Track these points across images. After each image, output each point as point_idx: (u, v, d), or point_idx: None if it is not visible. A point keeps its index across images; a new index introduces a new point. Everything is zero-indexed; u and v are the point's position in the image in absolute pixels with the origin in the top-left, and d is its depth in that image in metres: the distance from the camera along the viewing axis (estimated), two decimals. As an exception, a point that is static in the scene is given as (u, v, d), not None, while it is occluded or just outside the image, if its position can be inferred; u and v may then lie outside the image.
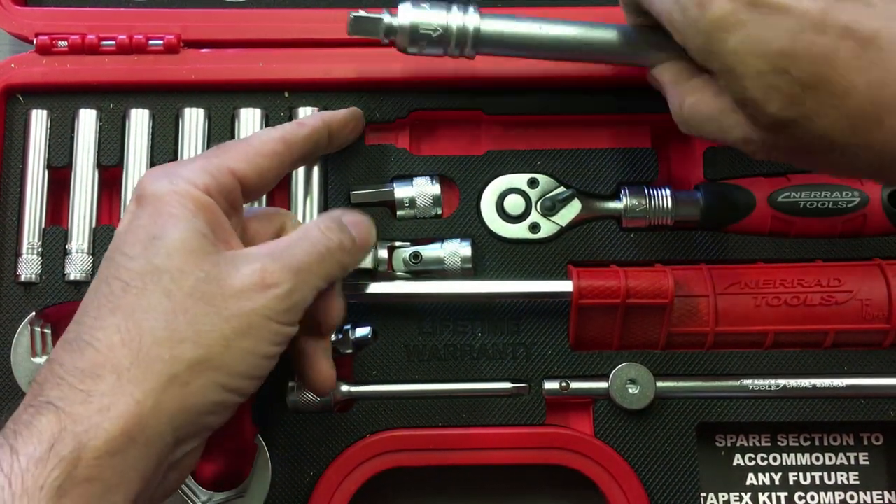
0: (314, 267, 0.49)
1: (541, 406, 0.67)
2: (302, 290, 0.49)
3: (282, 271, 0.47)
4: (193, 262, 0.46)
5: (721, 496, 0.69)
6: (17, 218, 0.69)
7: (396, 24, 0.58)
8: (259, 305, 0.46)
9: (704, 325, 0.66)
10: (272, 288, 0.47)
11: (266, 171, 0.52)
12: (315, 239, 0.50)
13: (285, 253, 0.49)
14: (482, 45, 0.59)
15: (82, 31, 0.71)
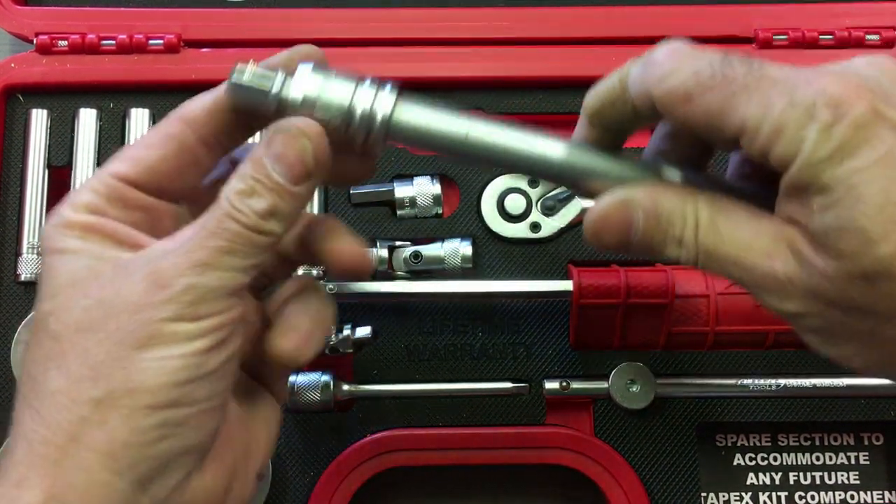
0: (223, 251, 0.41)
1: (541, 406, 0.67)
2: (212, 278, 0.40)
3: (174, 268, 0.40)
4: (79, 292, 0.41)
5: (721, 496, 0.69)
6: (17, 218, 0.69)
7: (290, 98, 0.43)
8: (155, 312, 0.40)
9: (704, 325, 0.66)
10: (165, 289, 0.40)
11: (157, 160, 0.44)
12: (219, 218, 0.41)
13: (183, 245, 0.41)
14: (393, 137, 0.44)
15: (82, 30, 0.71)
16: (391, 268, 0.68)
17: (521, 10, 0.73)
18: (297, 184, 0.42)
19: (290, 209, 0.42)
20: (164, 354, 0.39)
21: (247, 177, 0.42)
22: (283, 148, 0.42)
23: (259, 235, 0.41)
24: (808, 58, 0.72)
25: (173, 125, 0.45)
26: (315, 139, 0.42)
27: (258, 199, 0.41)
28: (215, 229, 0.41)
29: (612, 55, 0.72)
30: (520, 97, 0.72)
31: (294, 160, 0.42)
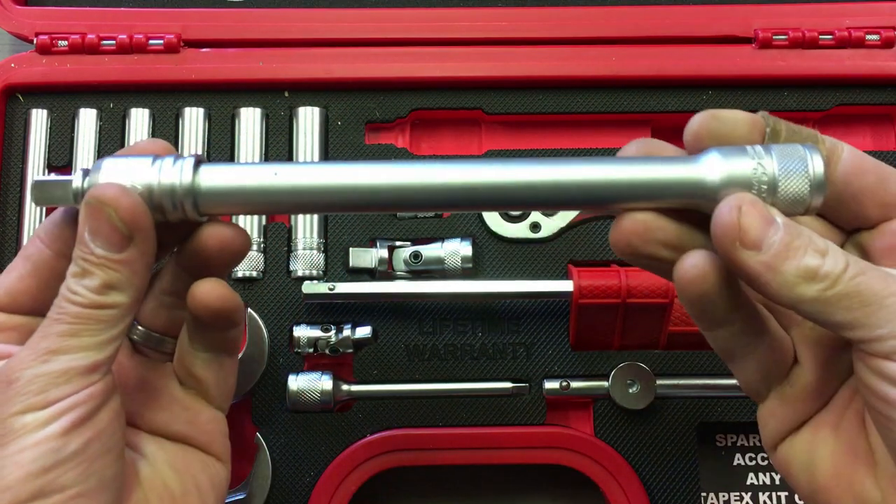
0: (67, 334, 0.40)
1: (541, 406, 0.67)
2: (59, 363, 0.40)
3: (21, 361, 0.40)
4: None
5: (721, 496, 0.69)
6: (17, 217, 0.69)
7: (86, 185, 0.42)
8: (5, 408, 0.39)
9: (705, 325, 0.66)
10: (13, 384, 0.39)
11: (14, 281, 0.44)
12: (58, 304, 0.41)
13: (28, 343, 0.41)
14: (208, 205, 0.42)
15: (82, 30, 0.71)
16: (391, 268, 0.68)
17: (521, 10, 0.73)
18: (119, 251, 0.41)
19: (126, 277, 0.41)
20: (18, 447, 0.39)
21: (77, 258, 0.42)
22: (93, 221, 0.41)
23: (102, 311, 0.41)
24: (809, 58, 0.72)
25: (30, 245, 0.45)
26: (117, 202, 0.41)
27: (90, 278, 0.41)
28: (55, 315, 0.41)
29: (612, 55, 0.72)
30: (520, 97, 0.72)
31: (106, 230, 0.41)
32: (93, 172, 0.42)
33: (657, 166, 0.41)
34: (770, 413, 0.45)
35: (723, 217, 0.39)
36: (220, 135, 0.71)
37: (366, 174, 0.42)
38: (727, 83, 0.72)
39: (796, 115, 0.73)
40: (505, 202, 0.42)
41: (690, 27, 0.73)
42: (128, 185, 0.41)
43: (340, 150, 0.71)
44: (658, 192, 0.41)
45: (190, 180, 0.42)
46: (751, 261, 0.38)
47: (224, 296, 0.45)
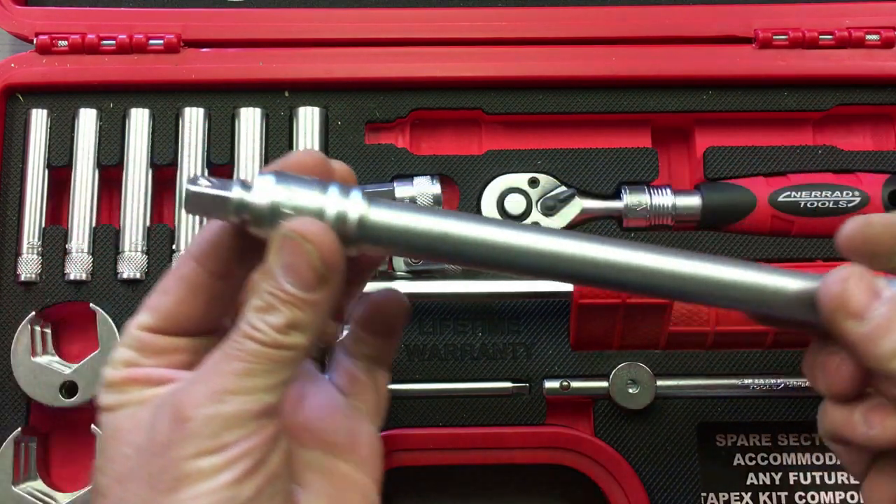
0: (243, 373, 0.39)
1: (541, 406, 0.67)
2: (233, 405, 0.38)
3: (193, 399, 0.39)
4: (121, 442, 0.40)
5: (721, 496, 0.69)
6: (17, 218, 0.69)
7: (253, 203, 0.40)
8: (178, 450, 0.38)
9: (704, 325, 0.66)
10: (186, 424, 0.38)
11: (173, 305, 0.43)
12: (236, 339, 0.40)
13: (203, 373, 0.40)
14: (368, 240, 0.41)
15: (82, 30, 0.71)
16: (391, 268, 0.68)
17: (521, 10, 0.73)
18: (311, 291, 0.39)
19: (311, 319, 0.40)
20: (192, 494, 0.38)
21: (263, 291, 0.40)
22: (291, 256, 0.39)
23: (280, 351, 0.39)
24: (809, 58, 0.72)
25: (184, 265, 0.43)
26: (318, 240, 0.39)
27: (275, 315, 0.39)
28: (232, 351, 0.39)
29: (613, 55, 0.72)
30: (520, 97, 0.72)
31: (303, 267, 0.39)
32: (257, 189, 0.40)
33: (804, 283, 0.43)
34: (876, 487, 0.44)
35: (830, 286, 0.41)
36: (220, 135, 0.71)
37: (545, 241, 0.41)
38: (727, 83, 0.72)
39: (796, 115, 0.73)
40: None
41: (690, 27, 0.73)
42: (295, 207, 0.40)
43: (340, 150, 0.71)
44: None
45: (364, 213, 0.40)
46: (852, 330, 0.40)
47: (402, 303, 0.47)
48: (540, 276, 0.43)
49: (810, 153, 0.71)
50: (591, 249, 0.42)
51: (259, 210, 0.40)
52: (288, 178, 0.40)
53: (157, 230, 0.69)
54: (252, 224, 0.40)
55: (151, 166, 0.70)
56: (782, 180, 0.69)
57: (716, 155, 0.71)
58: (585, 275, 0.42)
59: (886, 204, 0.68)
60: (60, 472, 0.68)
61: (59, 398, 0.65)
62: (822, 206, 0.68)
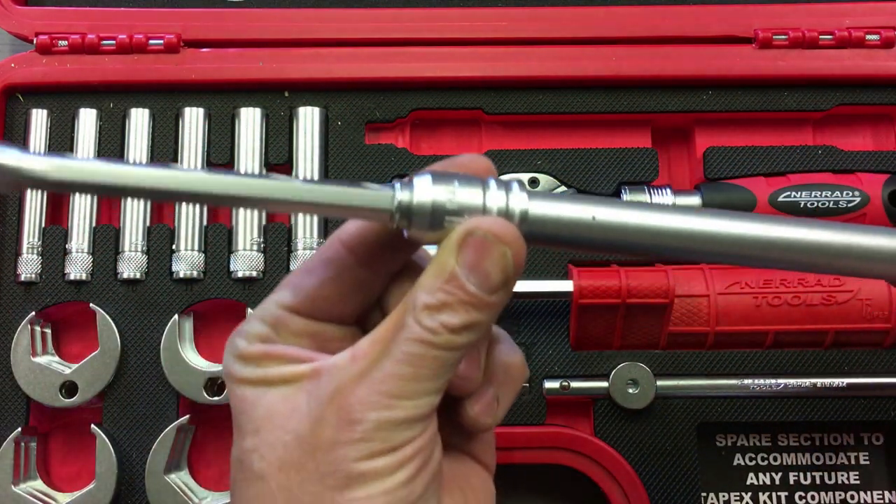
0: (413, 378, 0.38)
1: (541, 406, 0.67)
2: (402, 409, 0.38)
3: (362, 402, 0.38)
4: (279, 427, 0.40)
5: (721, 496, 0.69)
6: (17, 218, 0.69)
7: (415, 201, 0.38)
8: (348, 451, 0.38)
9: (704, 325, 0.66)
10: (355, 426, 0.38)
11: (316, 286, 0.42)
12: (406, 342, 0.38)
13: (369, 373, 0.38)
14: (530, 235, 0.40)
15: (82, 30, 0.71)
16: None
17: (521, 10, 0.73)
18: (495, 293, 0.38)
19: (486, 321, 0.39)
20: (367, 493, 0.38)
21: (435, 290, 0.38)
22: (478, 256, 0.38)
23: (451, 352, 0.38)
24: (809, 58, 0.72)
25: (331, 248, 0.42)
26: (514, 245, 0.38)
27: (451, 314, 0.38)
28: (402, 356, 0.38)
29: (612, 55, 0.72)
30: (520, 97, 0.72)
31: (492, 269, 0.38)
32: (418, 188, 0.38)
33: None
34: None
35: None
36: (220, 135, 0.71)
37: (708, 223, 0.41)
38: (727, 83, 0.72)
39: (796, 115, 0.73)
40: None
41: (690, 27, 0.73)
42: (459, 204, 0.38)
43: (340, 150, 0.71)
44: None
45: (526, 207, 0.39)
46: None
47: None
48: (706, 259, 0.42)
49: (810, 153, 0.71)
50: (753, 228, 0.41)
51: (421, 209, 0.38)
52: (446, 176, 0.39)
53: (157, 230, 0.69)
54: (413, 225, 0.39)
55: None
56: (782, 180, 0.69)
57: (716, 155, 0.71)
58: (747, 255, 0.41)
59: (886, 204, 0.68)
60: (60, 472, 0.68)
61: (59, 398, 0.65)
62: (822, 206, 0.68)
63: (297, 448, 0.39)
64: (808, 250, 0.42)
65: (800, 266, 0.43)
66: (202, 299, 0.68)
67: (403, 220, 0.39)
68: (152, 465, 0.65)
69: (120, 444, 0.66)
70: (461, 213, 0.38)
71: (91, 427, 0.65)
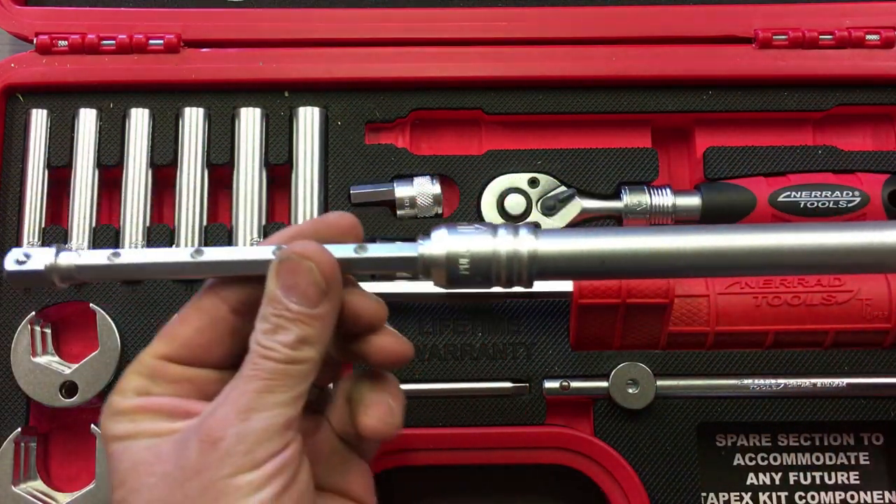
0: (263, 390, 0.41)
1: (541, 406, 0.67)
2: (259, 420, 0.40)
3: (220, 422, 0.40)
4: (144, 472, 0.41)
5: (721, 496, 0.69)
6: (17, 217, 0.69)
7: (432, 254, 0.44)
8: (215, 471, 0.39)
9: (704, 325, 0.66)
10: (218, 444, 0.40)
11: (191, 335, 0.45)
12: (252, 361, 0.42)
13: (225, 398, 0.42)
14: (541, 272, 0.45)
15: (82, 30, 0.71)
16: (391, 268, 0.68)
17: (521, 10, 0.73)
18: (315, 306, 0.42)
19: (318, 332, 0.43)
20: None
21: (268, 316, 0.42)
22: (291, 277, 0.42)
23: (295, 366, 0.42)
24: (809, 58, 0.72)
25: (204, 299, 0.46)
26: (317, 258, 0.43)
27: (284, 333, 0.42)
28: (250, 372, 0.41)
29: (613, 55, 0.72)
30: (520, 97, 0.72)
31: (305, 285, 0.42)
32: (435, 241, 0.44)
33: None
34: None
35: None
36: (220, 135, 0.71)
37: (721, 240, 0.44)
38: (727, 83, 0.72)
39: (796, 115, 0.73)
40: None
41: (690, 27, 0.73)
42: (472, 253, 0.44)
43: (340, 150, 0.71)
44: None
45: (533, 247, 0.44)
46: None
47: (407, 351, 0.47)
48: (714, 274, 0.46)
49: (810, 153, 0.71)
50: (750, 240, 0.44)
51: (436, 259, 0.44)
52: (458, 228, 0.45)
53: (157, 230, 0.69)
54: (423, 272, 0.45)
55: (151, 166, 0.70)
56: (782, 180, 0.69)
57: (716, 155, 0.71)
58: (757, 266, 0.44)
59: (886, 204, 0.68)
60: (60, 472, 0.68)
61: (59, 398, 0.65)
62: (822, 206, 0.68)
63: (163, 486, 0.40)
64: (821, 254, 0.44)
65: (812, 270, 0.45)
66: (202, 299, 0.68)
67: (425, 271, 0.45)
68: None
69: (120, 444, 0.66)
70: (473, 260, 0.44)
71: (91, 427, 0.65)
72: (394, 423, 0.47)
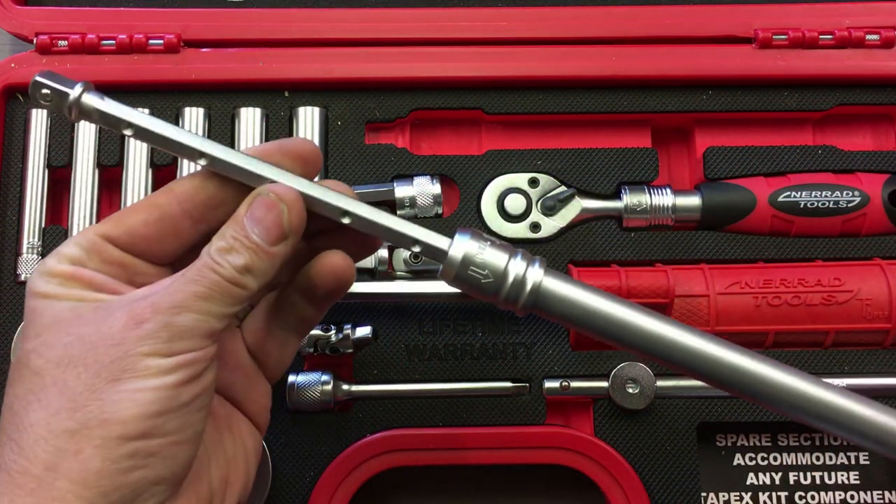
0: (201, 296, 0.43)
1: (541, 406, 0.67)
2: (188, 319, 0.43)
3: (153, 307, 0.43)
4: (62, 330, 0.43)
5: (721, 496, 0.69)
6: (17, 218, 0.69)
7: (451, 254, 0.47)
8: (131, 346, 0.42)
9: (704, 325, 0.66)
10: (142, 325, 0.42)
11: (137, 224, 0.47)
12: (199, 268, 0.44)
13: (163, 289, 0.44)
14: (537, 305, 0.48)
15: (82, 30, 0.71)
16: (391, 268, 0.68)
17: (521, 10, 0.73)
18: (273, 245, 0.45)
19: (265, 267, 0.45)
20: (137, 387, 0.42)
21: (227, 235, 0.45)
22: (262, 212, 0.45)
23: (235, 288, 0.44)
24: (809, 58, 0.72)
25: (160, 195, 0.48)
26: (292, 205, 0.46)
27: (236, 256, 0.45)
28: (195, 276, 0.44)
29: (612, 55, 0.72)
30: (520, 97, 0.72)
31: (271, 224, 0.45)
32: (456, 244, 0.47)
33: None
34: None
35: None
36: (220, 135, 0.71)
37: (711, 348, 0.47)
38: (727, 83, 0.72)
39: (796, 115, 0.73)
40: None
41: (690, 27, 0.73)
42: (483, 262, 0.47)
43: (340, 150, 0.71)
44: None
45: (539, 280, 0.47)
46: None
47: (350, 269, 0.49)
48: (693, 376, 0.48)
49: (810, 153, 0.71)
50: (745, 362, 0.47)
51: (452, 261, 0.47)
52: (482, 237, 0.48)
53: (157, 230, 0.69)
54: (444, 267, 0.48)
55: (151, 166, 0.70)
56: (782, 180, 0.69)
57: (716, 155, 0.71)
58: (736, 383, 0.47)
59: (886, 204, 0.68)
60: (60, 472, 0.68)
61: (59, 398, 0.65)
62: (822, 206, 0.68)
63: (78, 345, 0.42)
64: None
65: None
66: (202, 299, 0.68)
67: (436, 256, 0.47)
68: None
69: (120, 444, 0.66)
70: (483, 269, 0.47)
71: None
72: (345, 264, 0.49)
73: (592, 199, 0.70)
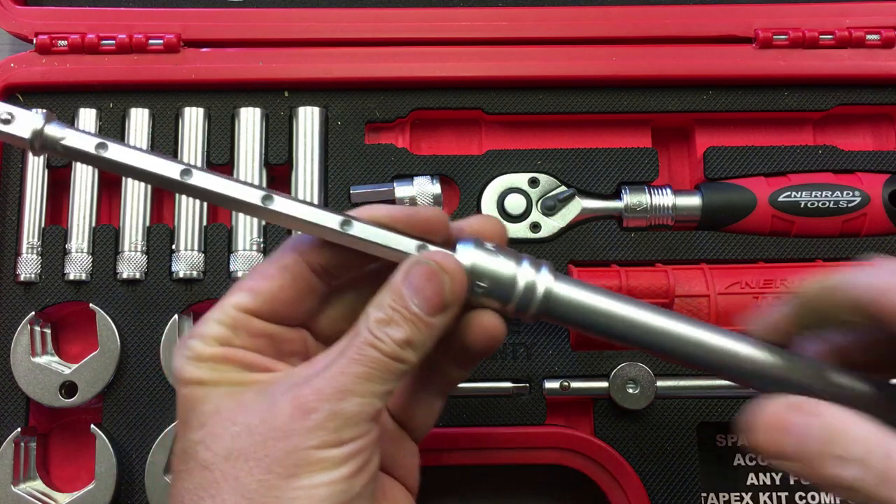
0: (363, 377, 0.42)
1: (541, 406, 0.67)
2: (353, 404, 0.41)
3: (317, 394, 0.41)
4: (226, 419, 0.42)
5: (721, 496, 0.69)
6: (17, 218, 0.69)
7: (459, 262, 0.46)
8: (302, 439, 0.41)
9: (705, 325, 0.66)
10: (310, 415, 0.41)
11: (276, 290, 0.45)
12: (359, 346, 0.42)
13: (325, 371, 0.42)
14: (548, 312, 0.46)
15: (82, 30, 0.71)
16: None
17: (521, 10, 0.73)
18: (433, 315, 0.43)
19: (425, 339, 0.43)
20: (313, 482, 0.40)
21: (385, 306, 0.43)
22: (422, 281, 0.43)
23: (396, 363, 0.43)
24: (809, 58, 0.72)
25: (287, 256, 0.46)
26: (453, 274, 0.44)
27: (396, 329, 0.43)
28: (356, 356, 0.42)
29: (613, 55, 0.72)
30: (520, 97, 0.72)
31: (432, 293, 0.43)
32: (460, 254, 0.45)
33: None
34: None
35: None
36: (220, 135, 0.71)
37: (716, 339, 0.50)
38: (727, 83, 0.72)
39: (796, 115, 0.73)
40: None
41: (690, 27, 0.73)
42: (492, 271, 0.45)
43: (340, 150, 0.71)
44: None
45: (550, 286, 0.45)
46: None
47: (504, 326, 0.47)
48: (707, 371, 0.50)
49: (810, 153, 0.71)
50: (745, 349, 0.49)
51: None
52: (486, 246, 0.46)
53: (157, 230, 0.69)
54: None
55: (151, 166, 0.70)
56: (782, 180, 0.69)
57: (716, 155, 0.71)
58: (745, 373, 0.50)
59: (886, 204, 0.68)
60: (60, 472, 0.68)
61: (58, 398, 0.65)
62: (822, 206, 0.68)
63: (246, 438, 0.41)
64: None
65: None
66: (202, 299, 0.68)
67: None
68: (152, 465, 0.65)
69: (120, 444, 0.66)
70: (491, 278, 0.45)
71: (91, 427, 0.65)
72: (499, 323, 0.47)
73: (592, 199, 0.70)
